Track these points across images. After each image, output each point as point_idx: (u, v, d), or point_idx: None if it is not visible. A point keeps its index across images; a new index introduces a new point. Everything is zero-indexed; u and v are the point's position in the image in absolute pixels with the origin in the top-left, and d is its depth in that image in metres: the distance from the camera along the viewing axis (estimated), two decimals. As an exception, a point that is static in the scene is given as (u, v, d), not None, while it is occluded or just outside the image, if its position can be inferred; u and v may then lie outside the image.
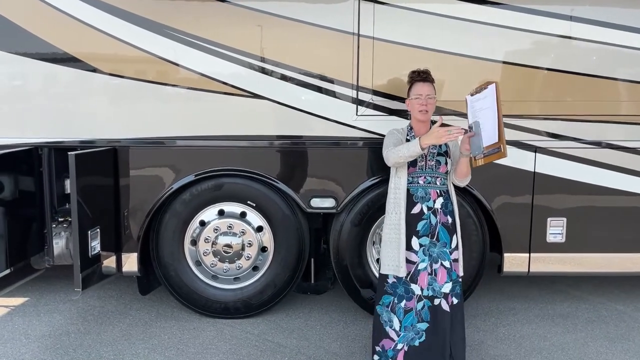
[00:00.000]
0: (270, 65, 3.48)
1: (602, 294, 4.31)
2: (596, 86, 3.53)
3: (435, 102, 3.00)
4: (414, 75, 3.03)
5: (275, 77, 3.50)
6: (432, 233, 2.94)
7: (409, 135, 3.02)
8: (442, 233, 2.93)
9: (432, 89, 2.97)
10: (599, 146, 3.57)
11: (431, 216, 2.93)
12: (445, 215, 2.95)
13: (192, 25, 3.45)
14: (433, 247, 2.94)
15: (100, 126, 3.53)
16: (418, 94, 2.95)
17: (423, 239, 2.94)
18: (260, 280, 3.73)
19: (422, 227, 2.94)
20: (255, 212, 3.67)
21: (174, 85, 3.51)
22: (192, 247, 3.71)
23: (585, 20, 3.48)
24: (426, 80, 2.98)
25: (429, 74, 3.01)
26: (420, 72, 3.01)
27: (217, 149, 3.57)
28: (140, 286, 3.76)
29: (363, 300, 3.74)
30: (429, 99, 2.93)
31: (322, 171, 3.62)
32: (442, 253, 2.93)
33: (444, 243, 2.93)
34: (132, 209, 3.60)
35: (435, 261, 2.93)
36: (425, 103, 2.93)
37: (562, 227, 3.63)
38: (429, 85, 2.97)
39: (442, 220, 2.94)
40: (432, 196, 2.94)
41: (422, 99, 2.93)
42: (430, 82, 2.98)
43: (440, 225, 2.94)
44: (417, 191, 2.96)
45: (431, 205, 2.94)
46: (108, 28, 3.43)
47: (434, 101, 2.98)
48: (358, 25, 3.44)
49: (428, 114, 2.96)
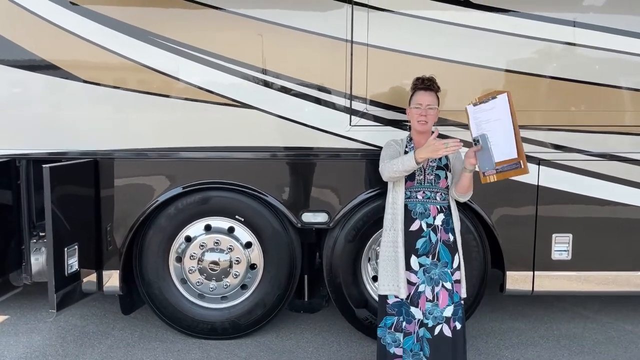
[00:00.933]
0: (260, 74, 3.32)
1: (610, 312, 4.11)
2: (603, 95, 3.36)
3: (438, 113, 2.83)
4: (417, 83, 2.84)
5: (265, 86, 3.33)
6: (433, 252, 2.75)
7: (408, 146, 2.85)
8: (443, 252, 2.74)
9: (434, 99, 2.79)
10: (606, 158, 3.39)
11: (431, 234, 2.75)
12: (446, 232, 2.76)
13: (179, 32, 3.29)
14: (434, 268, 2.75)
15: (81, 137, 3.36)
16: (418, 103, 2.78)
17: (423, 259, 2.75)
18: (249, 300, 3.54)
19: (422, 246, 2.75)
20: (244, 227, 3.49)
21: (159, 94, 3.35)
22: (178, 264, 3.53)
23: (590, 27, 3.31)
24: (429, 89, 2.80)
25: (434, 82, 2.82)
26: (424, 80, 2.82)
27: (204, 160, 3.40)
28: (122, 305, 3.57)
29: (358, 320, 3.54)
30: (429, 110, 2.76)
31: (314, 184, 3.44)
32: (443, 274, 2.74)
33: (445, 263, 2.75)
34: (114, 224, 3.43)
35: (436, 283, 2.74)
36: (424, 113, 2.75)
37: (568, 244, 3.44)
38: (431, 94, 2.79)
39: (443, 238, 2.76)
40: (432, 212, 2.76)
41: (422, 108, 2.76)
42: (434, 91, 2.81)
43: (441, 243, 2.75)
44: (416, 207, 2.78)
45: (431, 222, 2.76)
46: (88, 34, 3.28)
47: (436, 112, 2.80)
48: (351, 32, 3.28)
49: (427, 125, 2.78)
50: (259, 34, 3.30)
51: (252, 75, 3.32)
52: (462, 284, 2.80)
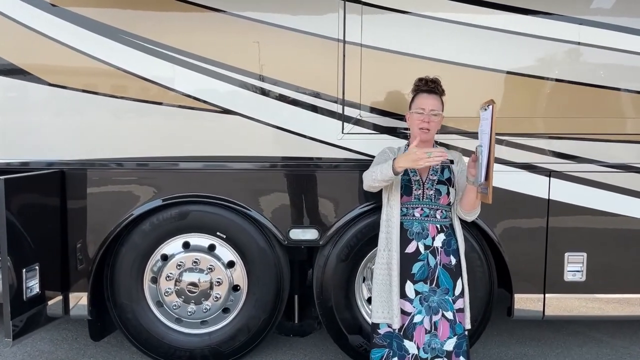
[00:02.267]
0: (243, 76, 3.02)
1: (625, 336, 3.80)
2: (620, 101, 3.07)
3: (442, 120, 2.53)
4: (419, 84, 2.54)
5: (249, 90, 3.04)
6: (431, 278, 2.45)
7: None
8: (444, 277, 2.44)
9: (438, 103, 2.49)
10: (624, 170, 3.09)
11: (429, 256, 2.45)
12: (447, 255, 2.46)
13: (155, 32, 3.00)
14: (432, 295, 2.44)
15: (45, 146, 3.06)
16: (420, 108, 2.47)
17: (419, 285, 2.45)
18: (232, 324, 3.22)
19: (418, 270, 2.45)
20: (226, 245, 3.18)
21: (133, 99, 3.05)
22: (153, 285, 3.21)
23: (606, 26, 3.02)
24: (433, 92, 2.49)
25: (438, 84, 2.52)
26: (427, 81, 2.52)
27: (182, 171, 3.09)
28: (92, 331, 3.24)
29: (351, 348, 3.22)
30: (432, 116, 2.45)
31: (304, 198, 3.13)
32: (444, 302, 2.43)
33: (446, 289, 2.44)
34: (82, 242, 3.11)
35: (435, 312, 2.43)
36: (427, 119, 2.44)
37: (582, 264, 3.13)
38: (435, 98, 2.49)
39: (444, 261, 2.45)
40: (431, 232, 2.46)
41: (425, 114, 2.45)
42: (438, 95, 2.50)
43: (441, 267, 2.45)
44: (412, 226, 2.48)
45: (429, 244, 2.45)
46: (55, 33, 2.98)
47: (440, 119, 2.50)
48: (344, 31, 2.99)
49: (430, 133, 2.47)
50: (242, 33, 3.01)
51: (234, 78, 3.02)
52: (466, 313, 2.48)
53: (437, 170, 2.51)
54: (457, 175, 2.52)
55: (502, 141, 3.06)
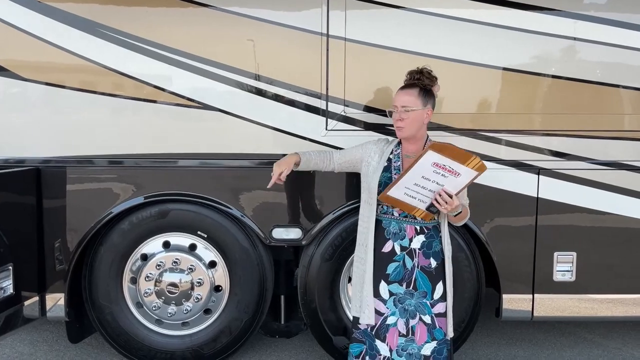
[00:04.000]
0: (222, 71, 2.94)
1: (617, 337, 3.73)
2: (611, 98, 3.00)
3: (423, 115, 2.36)
4: (405, 78, 2.44)
5: (229, 86, 2.95)
6: (408, 280, 2.35)
7: (394, 151, 2.44)
8: (421, 279, 2.35)
9: (412, 98, 2.34)
10: (614, 167, 3.01)
11: (406, 258, 2.35)
12: (426, 257, 2.36)
13: (133, 26, 2.91)
14: (409, 298, 2.35)
15: (19, 142, 2.98)
16: (393, 105, 2.38)
17: (394, 286, 2.36)
18: (213, 326, 3.14)
19: (393, 271, 2.36)
20: (207, 244, 3.09)
21: (110, 94, 2.96)
22: (133, 286, 3.13)
23: (596, 20, 2.95)
24: (412, 86, 2.36)
25: (423, 75, 2.36)
26: (412, 73, 2.40)
27: (162, 169, 3.01)
28: (70, 333, 3.15)
29: (336, 349, 3.14)
30: (404, 112, 2.32)
31: (287, 196, 3.05)
32: (421, 305, 2.34)
33: (424, 292, 2.34)
34: (59, 242, 3.03)
35: (412, 316, 2.34)
36: (398, 117, 2.33)
37: (572, 263, 3.05)
38: (409, 93, 2.35)
39: (422, 263, 2.35)
40: (408, 233, 2.37)
41: (396, 111, 2.35)
42: (416, 88, 2.36)
43: (419, 270, 2.35)
44: (390, 225, 2.39)
45: (406, 245, 2.36)
46: (27, 25, 2.90)
47: (415, 115, 2.33)
48: (327, 24, 2.91)
49: (404, 131, 2.35)
50: (222, 27, 2.93)
51: (214, 73, 2.93)
52: (448, 320, 2.37)
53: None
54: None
55: (490, 138, 2.99)
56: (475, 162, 2.18)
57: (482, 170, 2.19)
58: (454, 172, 2.19)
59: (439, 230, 2.42)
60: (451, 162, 2.16)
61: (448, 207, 2.21)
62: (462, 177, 2.20)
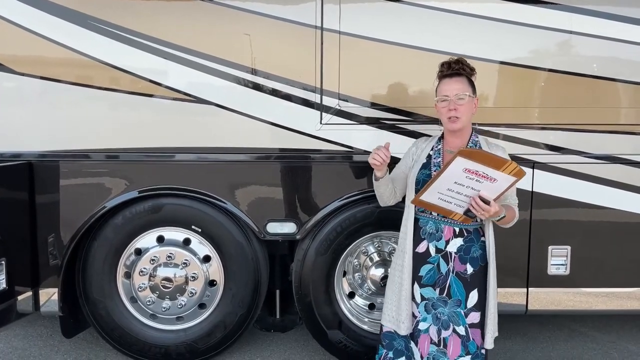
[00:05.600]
0: (217, 65, 2.91)
1: (612, 330, 3.74)
2: (606, 91, 2.98)
3: (475, 104, 2.23)
4: (442, 69, 2.28)
5: (223, 79, 2.93)
6: (442, 285, 2.21)
7: (435, 148, 2.30)
8: (456, 286, 2.19)
9: (465, 86, 2.19)
10: (609, 161, 3.01)
11: (440, 261, 2.21)
12: (462, 262, 2.20)
13: (128, 19, 2.88)
14: (442, 306, 2.21)
15: (12, 137, 2.95)
16: (444, 95, 2.20)
17: (427, 290, 2.23)
18: (208, 320, 3.13)
19: (427, 274, 2.23)
20: (202, 239, 3.08)
21: (104, 88, 2.93)
22: (127, 281, 3.12)
23: (592, 13, 2.93)
24: (457, 74, 2.21)
25: (464, 64, 2.24)
26: (450, 64, 2.24)
27: (155, 163, 2.99)
28: (64, 327, 3.13)
29: (331, 343, 3.15)
30: (459, 101, 2.17)
31: (281, 190, 3.04)
32: (455, 315, 2.19)
33: (458, 301, 2.19)
34: (52, 237, 3.01)
35: (445, 326, 2.20)
36: (454, 107, 2.17)
37: (566, 257, 3.06)
38: (460, 81, 2.20)
39: (457, 269, 2.20)
40: (445, 235, 2.21)
41: (450, 100, 2.18)
42: (465, 76, 2.22)
43: (454, 275, 2.20)
44: (427, 224, 2.25)
45: (441, 247, 2.21)
46: (20, 19, 2.87)
47: (470, 103, 2.19)
48: (321, 17, 2.89)
49: (460, 122, 2.18)
50: (216, 19, 2.91)
51: (208, 66, 2.91)
52: (487, 330, 2.20)
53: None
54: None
55: (485, 132, 2.98)
56: (512, 168, 2.02)
57: (520, 176, 2.04)
58: (489, 178, 2.03)
59: (481, 234, 2.24)
60: (485, 168, 2.01)
61: (485, 213, 2.07)
62: (500, 183, 2.05)
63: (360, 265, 3.21)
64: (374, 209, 2.96)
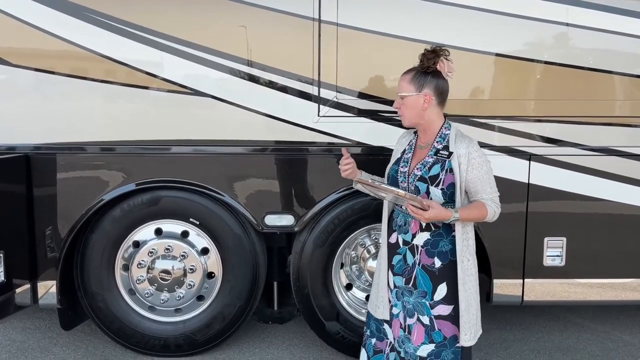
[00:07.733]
0: (213, 57, 2.91)
1: (606, 321, 3.78)
2: (603, 83, 3.00)
3: (421, 102, 2.16)
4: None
5: (220, 71, 2.92)
6: (407, 276, 2.25)
7: (411, 142, 2.32)
8: (422, 278, 2.21)
9: (405, 84, 2.18)
10: (605, 153, 3.03)
11: (407, 253, 2.25)
12: (429, 256, 2.20)
13: (123, 11, 2.87)
14: (408, 295, 2.25)
15: (8, 129, 2.94)
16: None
17: (397, 279, 2.29)
18: (206, 312, 3.15)
19: (397, 264, 2.29)
20: (200, 231, 3.09)
21: (100, 80, 2.92)
22: (125, 273, 3.13)
23: (588, 6, 2.94)
24: (406, 71, 2.22)
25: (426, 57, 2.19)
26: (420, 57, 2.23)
27: (153, 156, 2.99)
28: (62, 320, 3.14)
29: (329, 335, 3.17)
30: (400, 100, 2.20)
31: (279, 183, 3.05)
32: (419, 305, 2.22)
33: (423, 292, 2.21)
34: (50, 229, 3.01)
35: (410, 314, 2.25)
36: (397, 106, 2.23)
37: (562, 248, 3.08)
38: (403, 78, 2.21)
39: (424, 262, 2.21)
40: (412, 228, 2.23)
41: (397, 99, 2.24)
42: (411, 73, 2.20)
43: (419, 268, 2.21)
44: (398, 216, 2.30)
45: (408, 240, 2.24)
46: (15, 11, 2.85)
47: (412, 101, 2.16)
48: (319, 9, 2.89)
49: (405, 120, 2.21)
50: (212, 10, 2.90)
51: (204, 58, 2.90)
52: (461, 326, 2.17)
53: (426, 163, 2.18)
54: (462, 174, 2.13)
55: (481, 124, 2.99)
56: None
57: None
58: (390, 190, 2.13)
59: (452, 229, 2.19)
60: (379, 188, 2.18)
61: (420, 217, 2.07)
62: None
63: (357, 257, 3.23)
64: (371, 202, 2.98)
